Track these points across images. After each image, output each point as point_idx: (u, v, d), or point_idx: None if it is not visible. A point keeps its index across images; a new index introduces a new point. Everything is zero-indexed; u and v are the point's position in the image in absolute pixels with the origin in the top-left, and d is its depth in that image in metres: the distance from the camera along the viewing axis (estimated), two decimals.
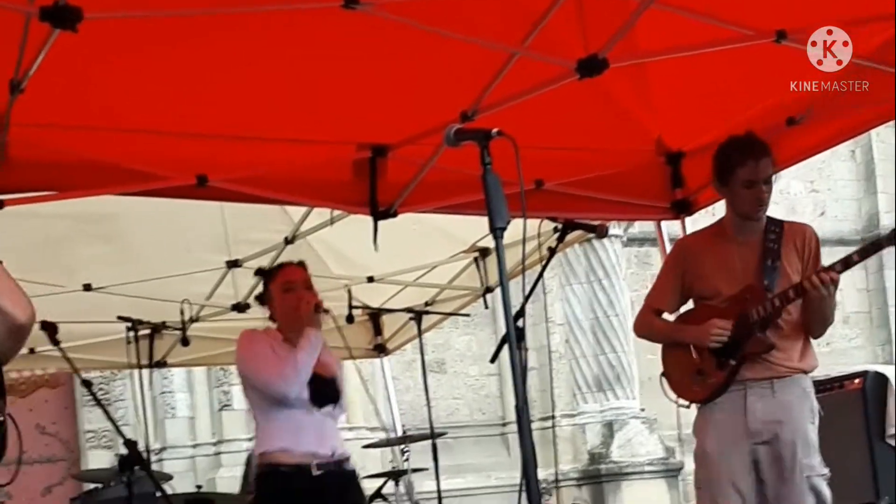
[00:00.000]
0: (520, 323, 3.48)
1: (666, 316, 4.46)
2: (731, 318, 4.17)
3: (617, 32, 3.70)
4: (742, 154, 4.14)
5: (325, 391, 4.62)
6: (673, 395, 4.35)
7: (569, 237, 4.70)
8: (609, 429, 14.29)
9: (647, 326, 4.46)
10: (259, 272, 4.97)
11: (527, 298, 4.38)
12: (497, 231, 2.92)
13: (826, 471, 4.11)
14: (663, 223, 5.40)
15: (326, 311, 4.62)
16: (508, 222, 2.93)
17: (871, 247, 4.11)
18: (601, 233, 4.67)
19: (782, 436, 4.08)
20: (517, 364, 2.93)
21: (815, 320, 4.19)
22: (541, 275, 4.76)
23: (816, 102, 4.38)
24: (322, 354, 4.64)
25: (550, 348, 13.93)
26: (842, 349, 13.93)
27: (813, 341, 4.26)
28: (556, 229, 4.68)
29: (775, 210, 4.38)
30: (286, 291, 4.65)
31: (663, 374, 4.42)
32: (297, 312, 4.59)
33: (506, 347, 3.16)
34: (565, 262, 14.23)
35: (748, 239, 4.24)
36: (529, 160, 3.00)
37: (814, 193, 16.31)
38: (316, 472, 4.52)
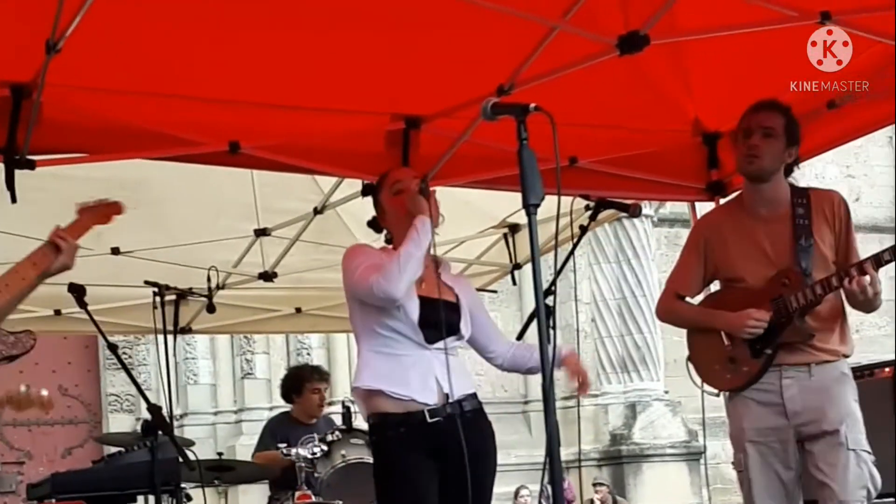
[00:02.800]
0: (549, 301, 3.44)
1: (694, 297, 4.30)
2: (766, 303, 3.98)
3: (659, 9, 3.65)
4: (753, 105, 4.00)
5: (435, 316, 3.86)
6: (700, 381, 4.18)
7: (601, 216, 4.66)
8: (632, 410, 14.29)
9: (670, 311, 4.28)
10: (366, 190, 4.30)
11: (556, 276, 4.36)
12: (531, 208, 2.89)
13: (871, 452, 3.92)
14: (697, 204, 5.36)
15: (426, 190, 3.89)
16: (542, 199, 2.90)
17: None
18: (634, 212, 4.61)
19: (827, 412, 3.89)
20: (545, 342, 2.90)
21: (860, 307, 3.97)
22: (571, 252, 4.73)
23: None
24: (450, 283, 4.05)
25: (577, 327, 13.92)
26: (871, 337, 13.81)
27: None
28: (587, 207, 4.65)
29: None
30: (397, 193, 3.97)
31: (689, 360, 4.26)
32: (404, 208, 3.90)
33: (533, 325, 3.14)
34: (594, 240, 14.21)
35: (775, 213, 4.01)
36: (564, 136, 2.96)
37: (849, 179, 16.21)
38: (430, 420, 3.85)
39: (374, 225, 4.15)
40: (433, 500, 3.89)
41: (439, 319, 3.86)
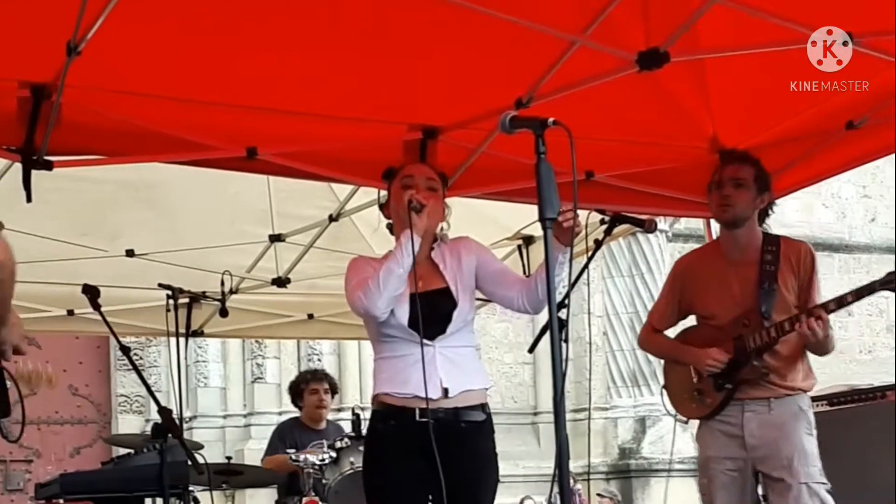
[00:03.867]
0: (562, 313, 3.43)
1: (667, 330, 4.63)
2: (729, 341, 4.28)
3: (681, 26, 3.64)
4: (723, 158, 4.43)
5: (432, 311, 3.84)
6: (672, 409, 4.56)
7: (616, 230, 4.69)
8: (641, 424, 14.26)
9: (647, 342, 4.72)
10: (386, 174, 4.19)
11: (570, 289, 4.35)
12: (547, 221, 2.89)
13: (826, 482, 4.17)
14: (713, 221, 5.34)
15: (419, 208, 3.82)
16: (558, 213, 2.90)
17: (864, 289, 4.14)
18: (650, 228, 4.63)
19: (780, 449, 4.18)
20: (558, 355, 2.89)
21: (813, 350, 4.28)
22: (585, 266, 4.73)
23: (877, 108, 4.31)
24: (438, 262, 3.99)
25: (589, 340, 13.89)
26: (883, 358, 13.77)
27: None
28: (602, 221, 4.65)
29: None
30: (404, 187, 3.95)
31: (664, 388, 4.62)
32: (399, 215, 3.90)
33: (545, 337, 3.13)
34: (608, 254, 14.18)
35: (745, 258, 4.32)
36: (581, 151, 2.96)
37: (865, 199, 16.13)
38: (420, 419, 3.77)
39: (383, 209, 4.17)
40: (413, 493, 3.85)
41: (434, 314, 3.83)
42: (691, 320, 4.60)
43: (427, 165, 4.23)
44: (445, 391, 3.82)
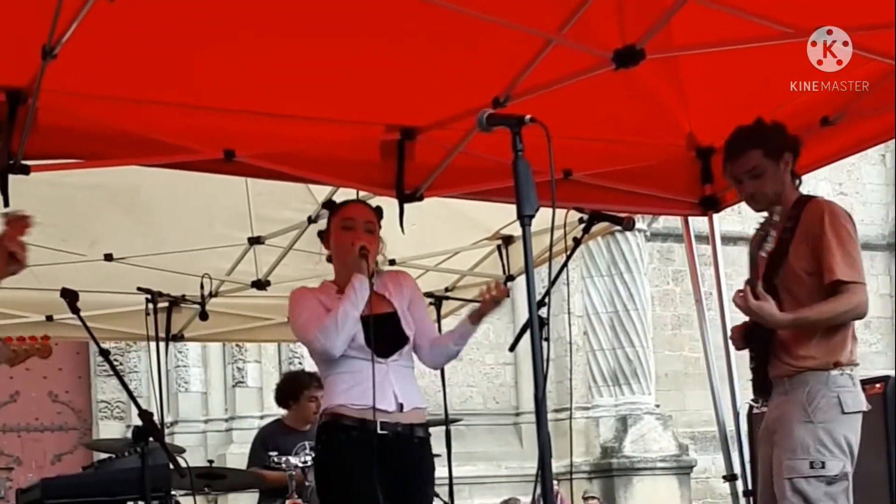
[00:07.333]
0: (542, 312, 3.45)
1: None
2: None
3: (655, 24, 3.66)
4: (725, 152, 4.02)
5: (383, 333, 4.18)
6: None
7: (594, 228, 4.69)
8: (623, 423, 14.29)
9: None
10: (326, 204, 4.65)
11: (550, 288, 4.38)
12: (525, 219, 2.90)
13: (820, 473, 3.81)
14: (690, 219, 5.37)
15: (366, 255, 4.16)
16: (537, 210, 2.91)
17: None
18: (628, 225, 4.64)
19: (778, 434, 3.89)
20: (538, 353, 2.90)
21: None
22: (565, 265, 4.74)
23: (852, 103, 4.34)
24: (383, 291, 4.29)
25: (570, 340, 13.91)
26: (862, 354, 13.88)
27: None
28: (581, 220, 4.66)
29: None
30: (344, 229, 4.30)
31: None
32: (345, 256, 4.24)
33: (526, 337, 3.15)
34: (587, 254, 14.21)
35: (780, 222, 4.01)
36: (559, 149, 2.98)
37: (841, 196, 16.26)
38: (381, 431, 4.09)
39: (322, 235, 4.48)
40: (375, 498, 4.07)
41: (385, 335, 4.17)
42: None
43: (365, 205, 4.45)
44: (400, 406, 4.15)
